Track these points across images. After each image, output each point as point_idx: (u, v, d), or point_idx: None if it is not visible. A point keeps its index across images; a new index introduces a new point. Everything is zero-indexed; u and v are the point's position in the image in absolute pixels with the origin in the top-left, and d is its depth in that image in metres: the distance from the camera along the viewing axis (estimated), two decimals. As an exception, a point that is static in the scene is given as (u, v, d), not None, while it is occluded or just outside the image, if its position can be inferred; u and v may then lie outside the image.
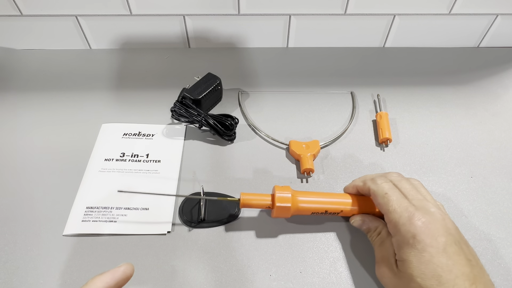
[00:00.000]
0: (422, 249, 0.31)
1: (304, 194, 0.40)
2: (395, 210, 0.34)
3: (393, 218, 0.34)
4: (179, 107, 0.49)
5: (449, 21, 0.61)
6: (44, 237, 0.40)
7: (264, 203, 0.39)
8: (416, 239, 0.32)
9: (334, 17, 0.59)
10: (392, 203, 0.35)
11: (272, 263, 0.39)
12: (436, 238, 0.32)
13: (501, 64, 0.62)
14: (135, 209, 0.43)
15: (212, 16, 0.58)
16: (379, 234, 0.38)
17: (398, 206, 0.34)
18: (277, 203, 0.38)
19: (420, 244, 0.32)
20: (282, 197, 0.39)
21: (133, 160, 0.47)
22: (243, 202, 0.39)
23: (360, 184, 0.40)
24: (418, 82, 0.58)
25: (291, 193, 0.39)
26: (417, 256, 0.31)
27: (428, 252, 0.31)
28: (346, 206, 0.40)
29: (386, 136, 0.49)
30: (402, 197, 0.35)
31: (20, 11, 0.56)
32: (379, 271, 0.36)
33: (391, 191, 0.36)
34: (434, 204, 0.35)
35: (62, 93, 0.55)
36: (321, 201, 0.40)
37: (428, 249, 0.31)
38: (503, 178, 0.47)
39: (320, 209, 0.40)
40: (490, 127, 0.52)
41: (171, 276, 0.38)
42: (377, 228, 0.38)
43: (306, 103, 0.55)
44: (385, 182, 0.37)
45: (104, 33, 0.61)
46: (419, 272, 0.31)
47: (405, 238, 0.33)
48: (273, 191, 0.40)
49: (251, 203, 0.39)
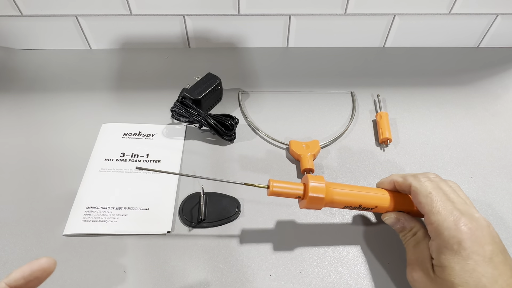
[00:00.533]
0: (467, 256, 0.30)
1: (338, 186, 0.37)
2: (439, 212, 0.32)
3: (437, 220, 0.32)
4: (179, 107, 0.49)
5: (449, 21, 0.61)
6: (44, 237, 0.40)
7: (296, 192, 0.36)
8: (461, 245, 0.30)
9: (334, 17, 0.59)
10: (436, 204, 0.33)
11: (272, 263, 0.39)
12: (482, 246, 0.30)
13: (501, 64, 0.62)
14: (135, 209, 0.43)
15: (212, 16, 0.58)
16: (414, 235, 0.36)
17: (442, 208, 0.32)
18: (311, 193, 0.35)
19: (466, 251, 0.30)
20: (317, 186, 0.35)
21: (133, 160, 0.47)
22: (273, 190, 0.35)
23: (400, 179, 0.37)
24: (418, 82, 0.58)
25: (325, 184, 0.36)
26: (460, 263, 0.30)
27: (473, 260, 0.30)
28: (382, 201, 0.37)
29: (386, 136, 0.49)
30: (447, 199, 0.33)
31: (20, 11, 0.56)
32: (412, 275, 0.34)
33: (436, 191, 0.34)
34: (476, 210, 0.33)
35: (62, 93, 0.55)
36: (357, 194, 0.37)
37: (473, 256, 0.30)
38: (503, 178, 0.47)
39: (354, 202, 0.37)
40: (490, 127, 0.52)
41: (171, 276, 0.38)
42: (413, 229, 0.36)
43: (306, 103, 0.55)
44: (428, 180, 0.35)
45: (104, 33, 0.61)
46: (462, 280, 0.29)
47: (448, 243, 0.31)
48: (305, 180, 0.37)
49: (282, 191, 0.36)
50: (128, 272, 0.38)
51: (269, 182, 0.36)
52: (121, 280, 0.37)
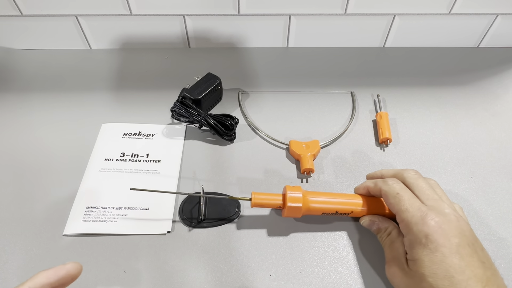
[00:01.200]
0: (434, 249, 0.31)
1: (315, 195, 0.40)
2: (407, 210, 0.34)
3: (406, 217, 0.34)
4: (179, 107, 0.49)
5: (449, 21, 0.61)
6: (44, 237, 0.40)
7: (275, 202, 0.39)
8: (428, 238, 0.32)
9: (334, 17, 0.59)
10: (404, 203, 0.35)
11: (272, 263, 0.39)
12: (449, 238, 0.32)
13: (501, 64, 0.62)
14: (135, 209, 0.43)
15: (212, 16, 0.58)
16: (389, 235, 0.37)
17: (410, 206, 0.34)
18: (289, 203, 0.38)
19: (433, 244, 0.31)
20: (294, 197, 0.39)
21: (133, 160, 0.47)
22: (255, 202, 0.39)
23: (371, 185, 0.39)
24: (418, 82, 0.58)
25: (302, 193, 0.39)
26: (429, 256, 0.31)
27: (440, 252, 0.31)
28: (356, 206, 0.40)
29: (386, 136, 0.49)
30: (414, 197, 0.35)
31: (20, 11, 0.56)
32: (389, 271, 0.36)
33: (403, 191, 0.36)
34: (449, 205, 0.35)
35: (62, 93, 0.55)
36: (332, 202, 0.40)
37: (440, 249, 0.31)
38: (503, 178, 0.47)
39: (330, 209, 0.40)
40: (490, 127, 0.52)
41: (171, 276, 0.38)
42: (387, 229, 0.38)
43: (306, 103, 0.55)
44: (396, 182, 0.37)
45: (104, 33, 0.61)
46: (431, 272, 0.31)
47: (417, 238, 0.32)
48: (284, 191, 0.40)
49: (262, 202, 0.39)
50: (128, 272, 0.38)
51: (251, 194, 0.39)
52: (121, 280, 0.37)
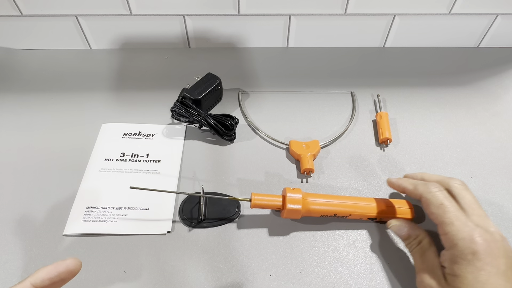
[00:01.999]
0: (481, 267, 0.30)
1: (315, 197, 0.40)
2: (453, 223, 0.33)
3: (451, 231, 0.33)
4: (179, 107, 0.49)
5: (449, 21, 0.61)
6: (44, 237, 0.40)
7: (275, 204, 0.39)
8: (475, 256, 0.30)
9: (334, 17, 0.59)
10: (449, 215, 0.33)
11: (272, 263, 0.39)
12: (496, 258, 0.30)
13: (501, 64, 0.62)
14: (135, 209, 0.43)
15: (212, 16, 0.58)
16: (420, 244, 0.36)
17: (456, 219, 0.33)
18: (288, 204, 0.38)
19: (480, 262, 0.30)
20: (293, 198, 0.39)
21: (133, 160, 0.47)
22: (254, 203, 0.39)
23: (410, 187, 0.38)
24: (418, 82, 0.58)
25: (302, 195, 0.39)
26: (474, 274, 0.30)
27: (487, 271, 0.30)
28: (355, 209, 0.40)
29: (386, 136, 0.49)
30: (459, 210, 0.34)
31: (20, 11, 0.56)
32: (422, 283, 0.34)
33: (447, 202, 0.34)
34: (492, 224, 0.33)
35: (62, 93, 0.55)
36: (332, 203, 0.40)
37: (487, 268, 0.30)
38: (503, 178, 0.47)
39: (329, 211, 0.40)
40: (490, 127, 0.52)
41: (171, 276, 0.38)
42: (418, 236, 0.37)
43: (306, 103, 0.55)
44: (439, 190, 0.36)
45: (104, 33, 0.61)
46: None
47: (463, 253, 0.31)
48: (284, 193, 0.40)
49: (262, 204, 0.39)
50: (128, 272, 0.38)
51: (251, 195, 0.39)
52: (121, 280, 0.37)
